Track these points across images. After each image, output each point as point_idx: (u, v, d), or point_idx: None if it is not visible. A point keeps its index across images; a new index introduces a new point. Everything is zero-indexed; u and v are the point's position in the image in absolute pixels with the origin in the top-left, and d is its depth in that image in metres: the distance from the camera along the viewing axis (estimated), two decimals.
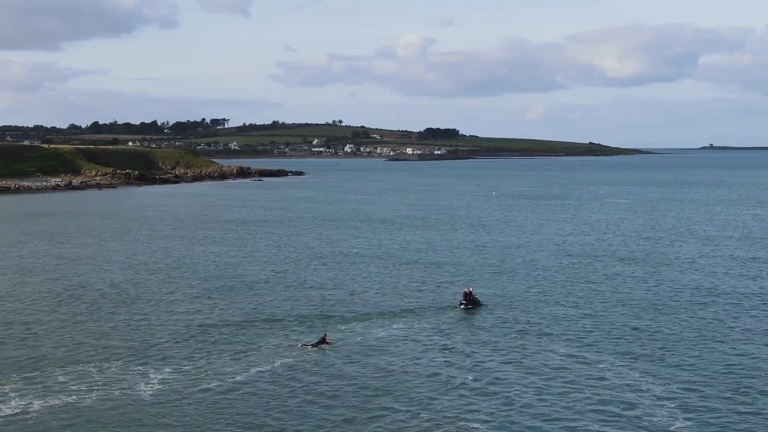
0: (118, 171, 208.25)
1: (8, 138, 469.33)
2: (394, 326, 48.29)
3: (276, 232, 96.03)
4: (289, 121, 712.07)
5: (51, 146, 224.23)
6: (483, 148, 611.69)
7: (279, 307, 53.08)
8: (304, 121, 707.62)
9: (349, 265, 70.74)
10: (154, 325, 48.25)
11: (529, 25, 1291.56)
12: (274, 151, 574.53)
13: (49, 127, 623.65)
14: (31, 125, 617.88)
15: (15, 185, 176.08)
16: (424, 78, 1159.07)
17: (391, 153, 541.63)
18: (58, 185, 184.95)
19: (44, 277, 64.22)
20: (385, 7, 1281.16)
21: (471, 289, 54.63)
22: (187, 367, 39.71)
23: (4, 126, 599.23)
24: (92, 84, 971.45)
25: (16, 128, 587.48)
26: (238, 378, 38.14)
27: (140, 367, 39.53)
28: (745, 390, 36.56)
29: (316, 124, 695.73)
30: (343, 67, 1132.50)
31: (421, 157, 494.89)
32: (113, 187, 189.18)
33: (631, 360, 41.31)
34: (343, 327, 47.85)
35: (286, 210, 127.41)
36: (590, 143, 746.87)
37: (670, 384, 37.26)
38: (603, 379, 38.08)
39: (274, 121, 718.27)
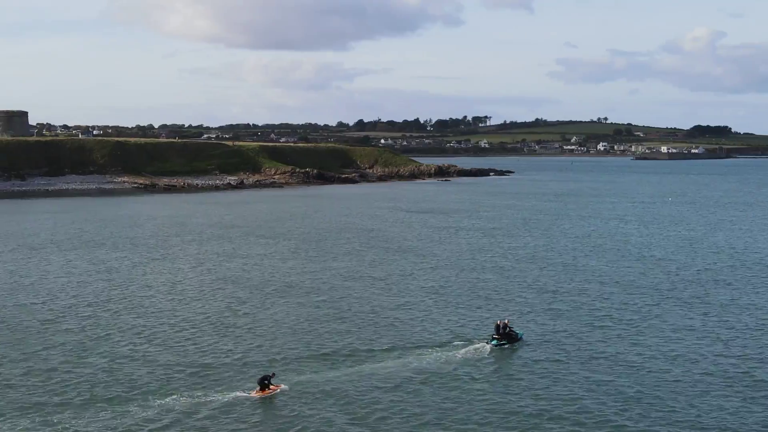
0: (297, 170, 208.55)
1: (272, 136, 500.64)
2: (366, 368, 39.94)
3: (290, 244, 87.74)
4: (554, 119, 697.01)
5: (234, 144, 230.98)
6: (749, 147, 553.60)
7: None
8: (568, 119, 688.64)
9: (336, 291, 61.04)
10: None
11: None
12: (524, 150, 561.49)
13: (322, 125, 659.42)
14: (301, 122, 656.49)
15: (182, 183, 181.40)
16: (711, 73, 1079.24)
17: (646, 151, 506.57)
18: (230, 183, 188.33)
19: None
20: (670, 0, 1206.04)
21: (507, 321, 46.12)
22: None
23: (279, 124, 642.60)
24: (376, 83, 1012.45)
25: (286, 126, 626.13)
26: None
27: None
28: None
29: (579, 122, 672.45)
30: (624, 63, 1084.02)
31: (672, 156, 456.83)
32: (279, 187, 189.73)
33: None
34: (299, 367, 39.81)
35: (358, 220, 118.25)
36: None
37: None
38: None
39: (536, 119, 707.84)
